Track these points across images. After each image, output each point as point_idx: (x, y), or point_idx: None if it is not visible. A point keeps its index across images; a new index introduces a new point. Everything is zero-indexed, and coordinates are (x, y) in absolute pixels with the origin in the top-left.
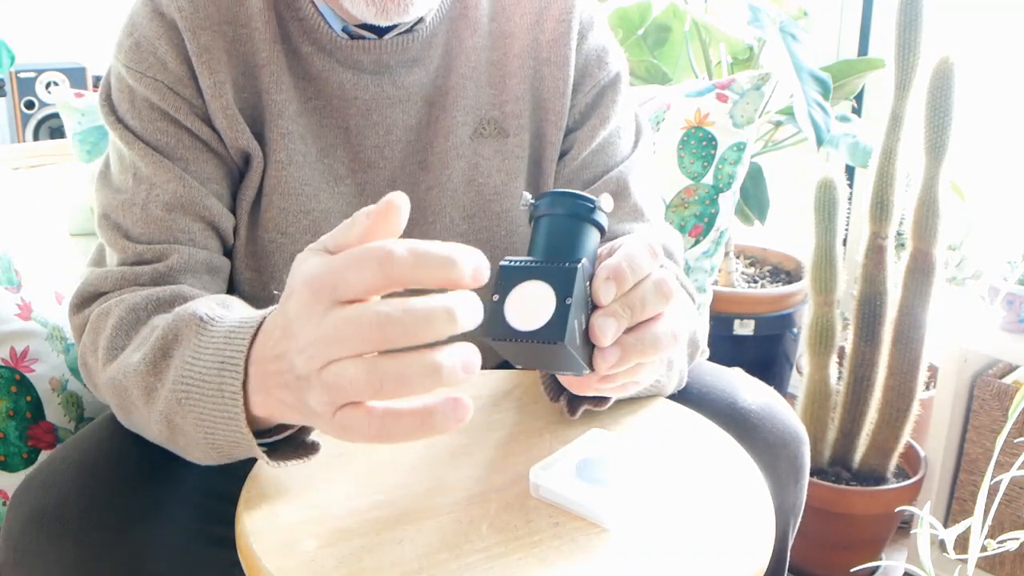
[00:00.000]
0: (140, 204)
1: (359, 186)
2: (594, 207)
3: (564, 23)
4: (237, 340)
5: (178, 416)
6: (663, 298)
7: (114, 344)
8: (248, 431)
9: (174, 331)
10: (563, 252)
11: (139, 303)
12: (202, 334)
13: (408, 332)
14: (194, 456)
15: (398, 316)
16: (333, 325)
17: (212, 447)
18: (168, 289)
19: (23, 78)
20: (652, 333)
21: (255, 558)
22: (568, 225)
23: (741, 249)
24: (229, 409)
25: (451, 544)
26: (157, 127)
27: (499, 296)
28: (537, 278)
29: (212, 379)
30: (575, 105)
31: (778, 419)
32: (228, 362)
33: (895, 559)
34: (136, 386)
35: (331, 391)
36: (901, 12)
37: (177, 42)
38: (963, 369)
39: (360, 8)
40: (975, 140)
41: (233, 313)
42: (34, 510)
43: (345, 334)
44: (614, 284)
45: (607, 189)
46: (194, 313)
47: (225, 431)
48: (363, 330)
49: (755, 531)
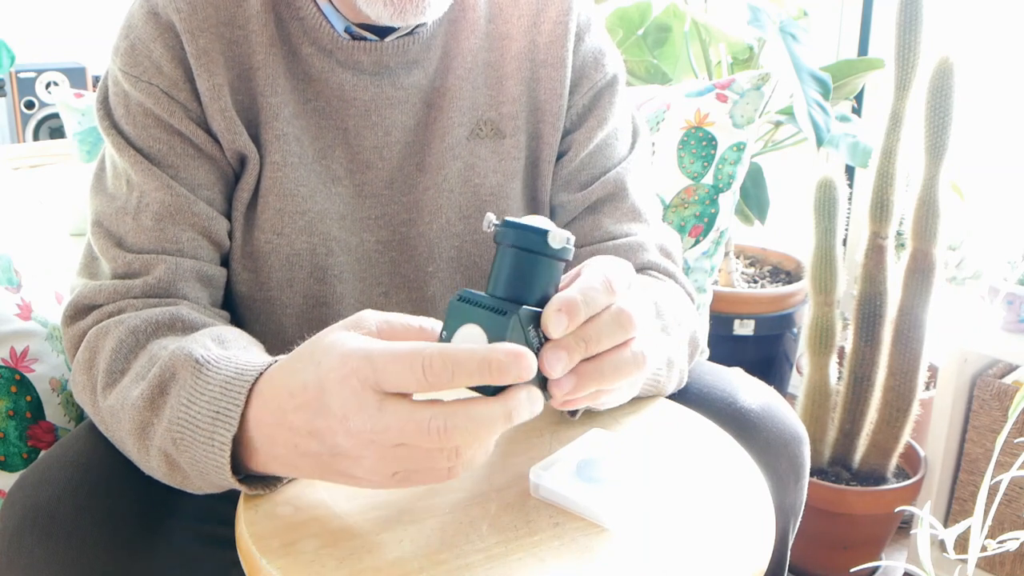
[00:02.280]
0: (132, 213)
1: (357, 187)
2: (544, 240)
3: (561, 25)
4: (233, 392)
5: (175, 454)
6: (622, 330)
7: (113, 368)
8: (234, 480)
9: (171, 370)
10: (515, 289)
11: (139, 326)
12: (198, 377)
13: (469, 437)
14: (194, 489)
15: (462, 425)
16: (398, 423)
17: (208, 484)
18: (167, 311)
19: (23, 78)
20: (612, 361)
21: (255, 558)
22: (522, 260)
23: (741, 249)
24: (217, 459)
25: (451, 544)
26: (150, 134)
27: (447, 334)
28: (475, 322)
29: (205, 427)
30: (572, 107)
31: (778, 419)
32: (223, 413)
33: (895, 559)
34: (133, 420)
35: (394, 464)
36: (901, 12)
37: (173, 44)
38: (963, 369)
39: (377, 9)
40: (975, 140)
41: (230, 352)
42: (27, 509)
43: (409, 433)
44: (565, 317)
45: (605, 190)
46: (190, 354)
47: (216, 476)
48: (428, 435)
49: (755, 531)
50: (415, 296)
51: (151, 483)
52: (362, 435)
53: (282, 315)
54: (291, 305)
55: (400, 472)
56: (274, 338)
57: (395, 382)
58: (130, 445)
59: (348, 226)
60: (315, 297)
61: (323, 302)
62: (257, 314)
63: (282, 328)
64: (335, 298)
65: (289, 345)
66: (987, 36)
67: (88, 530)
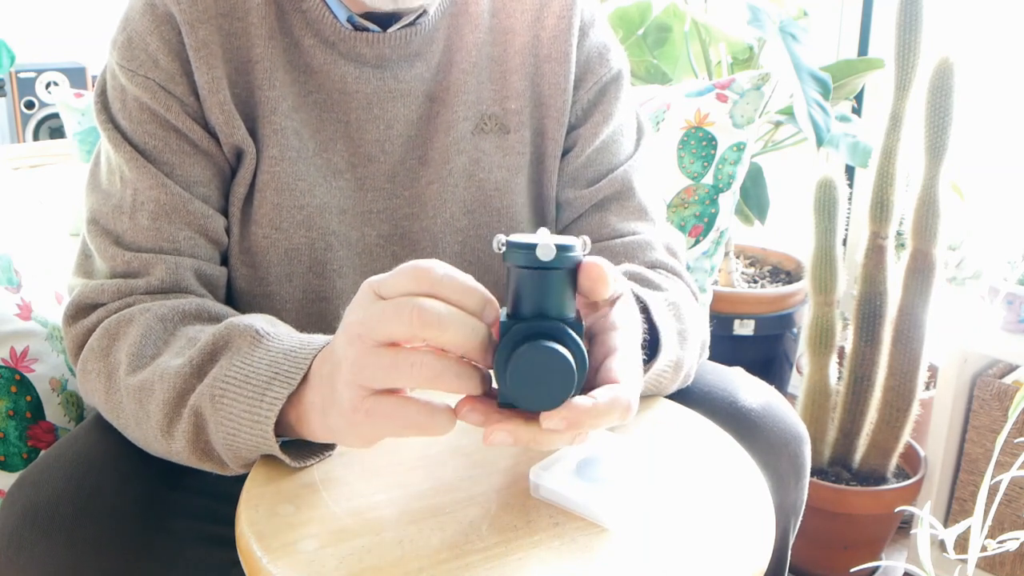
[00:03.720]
0: (128, 212)
1: (359, 180)
2: (533, 253)
3: (565, 20)
4: (300, 358)
5: (208, 413)
6: (620, 418)
7: (143, 352)
8: (272, 437)
9: (225, 339)
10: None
11: (166, 314)
12: (257, 346)
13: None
14: (209, 462)
15: (439, 313)
16: (385, 307)
17: (230, 453)
18: (192, 301)
19: (23, 78)
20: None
21: (255, 558)
22: (523, 277)
23: (741, 249)
24: (263, 412)
25: (451, 544)
26: (145, 129)
27: None
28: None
29: (258, 384)
30: (577, 102)
31: (779, 418)
32: (283, 374)
33: (895, 559)
34: (173, 387)
35: (368, 373)
36: (901, 12)
37: (170, 37)
38: (963, 369)
39: None
40: (975, 140)
41: (282, 331)
42: (27, 507)
43: (390, 314)
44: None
45: (611, 189)
46: (251, 325)
47: (249, 434)
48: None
49: (755, 531)
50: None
51: (152, 483)
52: (351, 327)
53: (281, 310)
54: (290, 300)
55: (372, 400)
56: None
57: (395, 288)
58: (157, 417)
59: (349, 220)
60: (314, 292)
61: (323, 297)
62: (256, 309)
63: None
64: (335, 293)
65: None
66: (987, 36)
67: (88, 530)
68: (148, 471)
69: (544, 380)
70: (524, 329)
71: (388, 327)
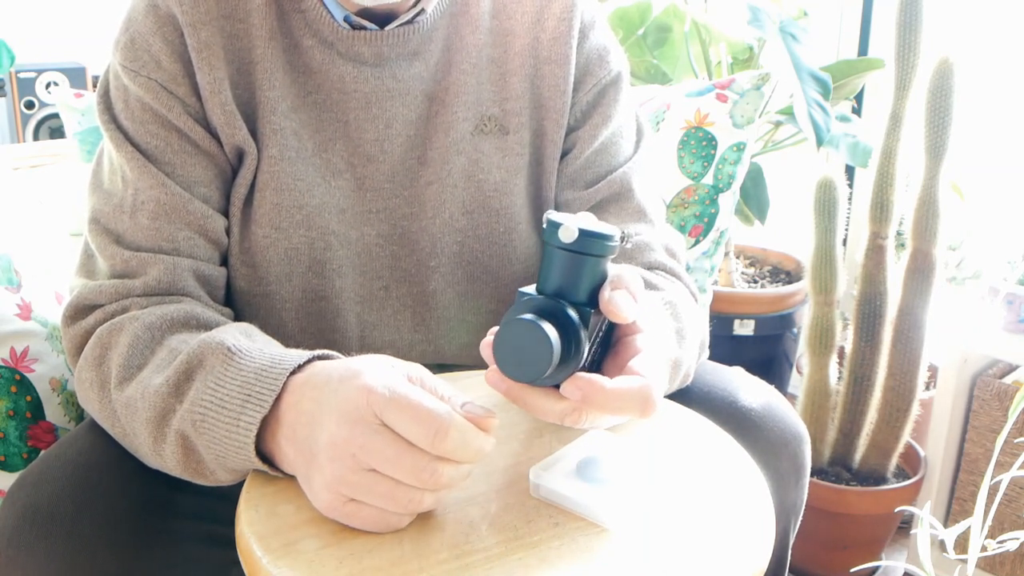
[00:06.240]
0: (128, 211)
1: (358, 180)
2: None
3: (565, 22)
4: (270, 379)
5: (193, 436)
6: (639, 411)
7: (130, 362)
8: (258, 461)
9: (199, 357)
10: (551, 285)
11: (154, 323)
12: (228, 364)
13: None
14: (208, 477)
15: (450, 471)
16: (388, 447)
17: (225, 470)
18: (181, 308)
19: (23, 78)
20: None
21: (255, 558)
22: (553, 256)
23: (741, 249)
24: (243, 439)
25: (451, 544)
26: (147, 129)
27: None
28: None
29: (233, 408)
30: (576, 104)
31: (779, 418)
32: (255, 396)
33: (895, 559)
34: (154, 407)
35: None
36: (901, 12)
37: (172, 38)
38: (963, 369)
39: None
40: (975, 140)
41: (256, 344)
42: (27, 507)
43: (393, 458)
44: None
45: (611, 190)
46: (221, 343)
47: (236, 457)
48: (418, 472)
49: (755, 531)
50: (416, 291)
51: (152, 483)
52: (339, 446)
53: (281, 310)
54: (290, 300)
55: (353, 505)
56: (274, 333)
57: (403, 429)
58: (144, 436)
59: (348, 220)
60: (314, 291)
61: (322, 296)
62: (256, 309)
63: (282, 323)
64: (334, 292)
65: (289, 340)
66: (987, 36)
67: (88, 530)
68: (148, 471)
69: (523, 352)
70: (525, 304)
71: (396, 472)
